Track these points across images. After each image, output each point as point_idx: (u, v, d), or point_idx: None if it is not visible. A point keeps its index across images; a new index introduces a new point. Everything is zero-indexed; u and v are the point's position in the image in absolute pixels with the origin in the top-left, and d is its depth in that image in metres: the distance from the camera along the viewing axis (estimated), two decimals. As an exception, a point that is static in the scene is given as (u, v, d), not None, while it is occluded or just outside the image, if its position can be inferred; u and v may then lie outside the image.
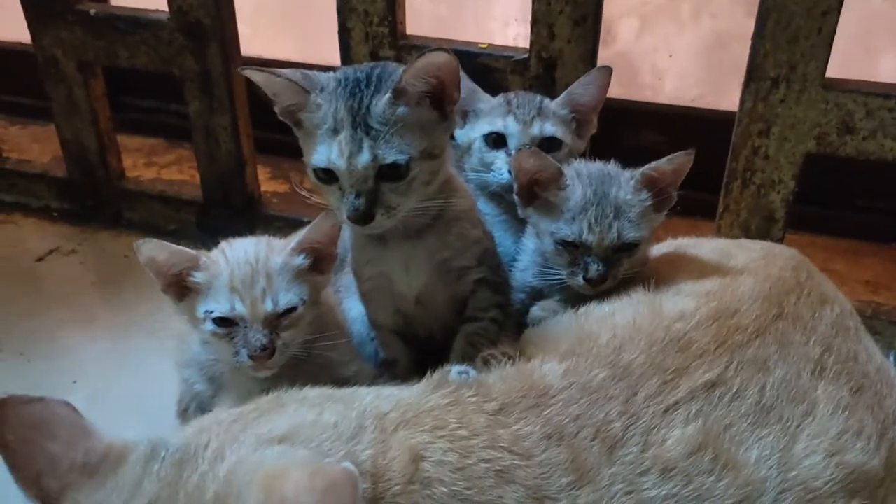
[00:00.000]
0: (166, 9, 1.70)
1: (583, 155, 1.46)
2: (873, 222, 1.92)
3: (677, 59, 2.13)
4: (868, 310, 1.54)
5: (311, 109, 1.04)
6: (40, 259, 1.88)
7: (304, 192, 1.25)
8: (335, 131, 1.02)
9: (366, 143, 1.01)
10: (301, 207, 2.00)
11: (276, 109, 1.09)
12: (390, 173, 1.03)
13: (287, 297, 1.08)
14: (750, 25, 1.72)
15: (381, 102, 1.02)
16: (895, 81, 1.46)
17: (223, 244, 1.14)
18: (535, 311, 1.23)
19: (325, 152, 1.03)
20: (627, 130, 2.08)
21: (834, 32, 1.33)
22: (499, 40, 2.14)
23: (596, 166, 1.19)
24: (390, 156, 1.02)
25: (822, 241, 1.91)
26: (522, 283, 1.27)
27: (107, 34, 1.77)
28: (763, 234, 1.52)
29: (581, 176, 1.16)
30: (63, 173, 2.01)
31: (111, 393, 1.49)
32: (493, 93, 1.53)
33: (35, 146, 2.35)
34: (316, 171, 1.06)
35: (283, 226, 1.88)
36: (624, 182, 1.15)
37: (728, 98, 2.02)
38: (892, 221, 1.91)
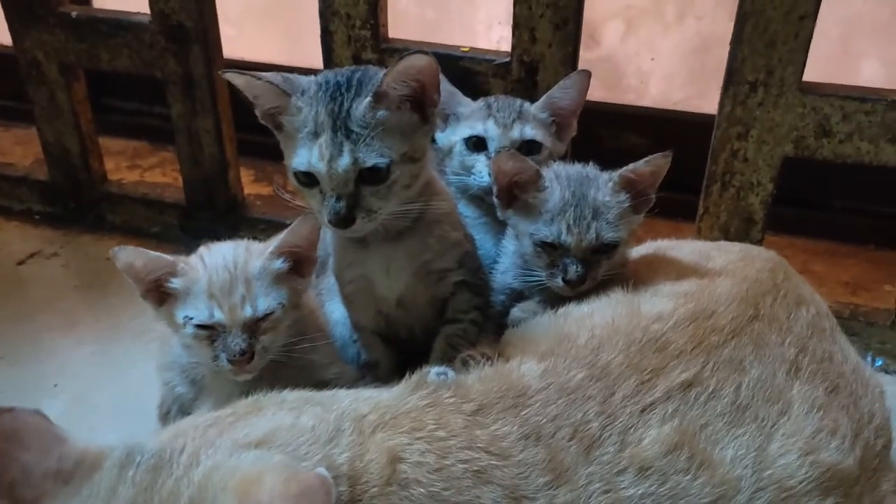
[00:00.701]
0: (148, 11, 1.70)
1: (563, 157, 1.47)
2: (851, 224, 1.94)
3: (662, 62, 2.14)
4: (846, 311, 1.56)
5: (292, 113, 1.05)
6: (21, 262, 1.87)
7: (286, 196, 1.25)
8: (316, 135, 1.03)
9: (346, 147, 1.01)
10: (284, 210, 2.00)
11: (258, 113, 1.09)
12: (371, 177, 1.04)
13: (266, 301, 1.08)
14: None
15: (362, 106, 1.02)
16: (876, 85, 1.48)
17: (202, 249, 1.14)
18: (516, 312, 1.24)
19: (305, 156, 1.03)
20: (609, 133, 2.10)
21: (810, 37, 1.35)
22: (483, 43, 2.16)
23: (574, 168, 1.20)
24: (370, 159, 1.02)
25: (802, 243, 1.93)
26: (503, 285, 1.28)
27: (88, 37, 1.76)
28: (742, 236, 1.53)
29: (560, 178, 1.17)
30: (45, 176, 2.00)
31: (93, 396, 1.48)
32: (475, 96, 1.54)
33: (17, 149, 2.35)
34: (297, 174, 1.06)
35: (267, 228, 1.88)
36: (602, 184, 1.16)
37: (712, 101, 2.04)
38: (869, 223, 1.93)
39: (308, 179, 1.05)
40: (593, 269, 1.16)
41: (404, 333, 1.24)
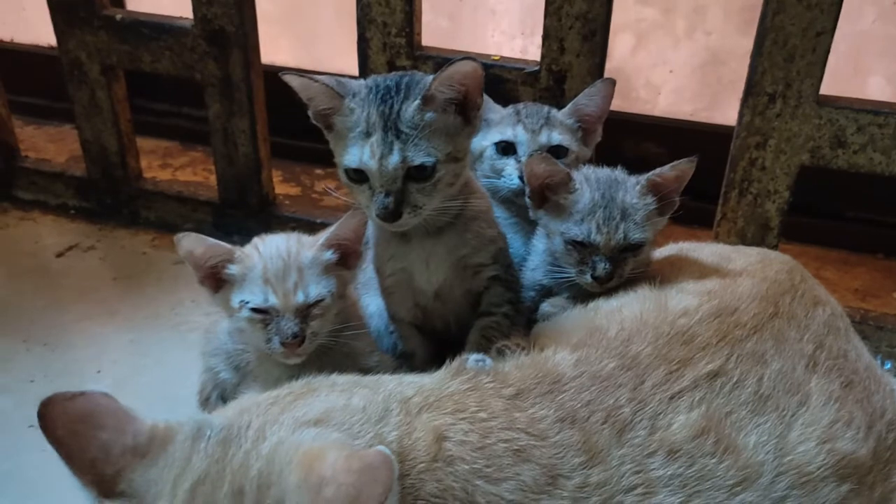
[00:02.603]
0: (190, 16, 1.77)
1: (589, 162, 1.54)
2: (862, 233, 2.01)
3: (672, 75, 2.21)
4: (857, 316, 1.62)
5: (345, 113, 1.12)
6: (60, 255, 1.94)
7: (335, 194, 1.32)
8: (367, 134, 1.09)
9: (396, 146, 1.08)
10: (312, 209, 2.08)
11: (310, 113, 1.16)
12: (417, 174, 1.11)
13: (317, 289, 1.15)
14: (742, 43, 1.79)
15: (411, 108, 1.09)
16: (883, 99, 1.55)
17: (256, 240, 1.21)
18: (545, 307, 1.30)
19: (357, 154, 1.10)
20: (629, 142, 2.17)
21: (828, 52, 1.42)
22: (505, 52, 2.24)
23: (604, 172, 1.27)
24: (418, 158, 1.09)
25: (815, 251, 2.00)
26: (532, 282, 1.35)
27: (131, 39, 1.84)
28: (758, 242, 1.60)
29: (589, 180, 1.24)
30: (82, 172, 2.07)
31: (134, 382, 1.55)
32: (505, 103, 1.60)
33: (51, 146, 2.42)
34: (347, 171, 1.13)
35: (297, 226, 1.94)
36: (630, 187, 1.23)
37: (721, 113, 2.11)
38: (879, 232, 2.00)
39: (358, 176, 1.12)
40: (620, 266, 1.23)
41: (440, 325, 1.31)
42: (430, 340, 1.33)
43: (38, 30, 1.90)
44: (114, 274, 1.88)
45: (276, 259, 1.15)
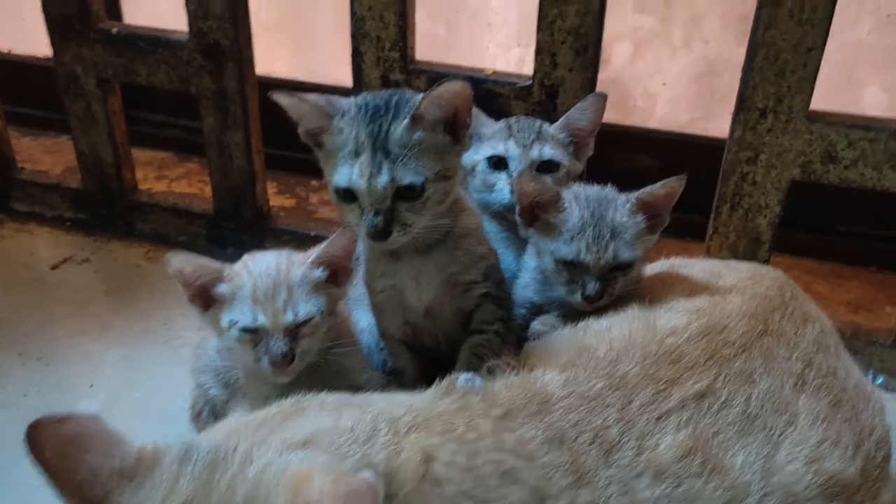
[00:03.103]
0: (186, 30, 1.78)
1: (580, 177, 1.54)
2: (854, 246, 2.01)
3: (669, 84, 2.22)
4: (848, 330, 1.62)
5: (334, 133, 1.12)
6: (55, 267, 1.94)
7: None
8: (356, 154, 1.10)
9: (385, 165, 1.09)
10: (307, 222, 2.09)
11: (300, 132, 1.17)
12: (406, 193, 1.11)
13: (306, 307, 1.15)
14: (739, 53, 1.80)
15: (400, 128, 1.10)
16: (878, 112, 1.55)
17: (246, 257, 1.21)
18: (536, 325, 1.30)
19: (346, 173, 1.10)
20: (621, 155, 2.17)
21: (818, 68, 1.42)
22: (500, 64, 2.25)
23: (593, 190, 1.27)
24: (407, 177, 1.10)
25: (807, 264, 2.00)
26: (523, 299, 1.35)
27: (127, 52, 1.84)
28: (750, 256, 1.60)
29: (579, 199, 1.24)
30: (77, 184, 2.08)
31: (127, 397, 1.55)
32: (498, 116, 1.61)
33: (47, 157, 2.43)
34: (337, 190, 1.13)
35: (291, 239, 1.95)
36: (620, 205, 1.24)
37: (717, 123, 2.12)
38: (871, 245, 2.00)
39: (347, 195, 1.13)
40: (610, 285, 1.23)
41: (430, 343, 1.31)
42: (420, 357, 1.33)
43: (36, 40, 1.91)
44: (107, 287, 1.88)
45: (265, 277, 1.16)
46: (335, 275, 1.21)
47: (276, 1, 2.37)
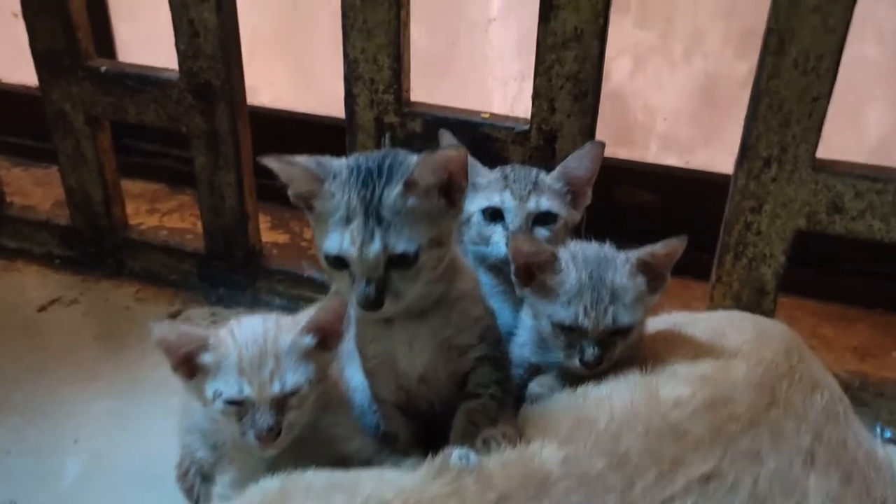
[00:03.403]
0: (176, 68, 1.74)
1: (579, 224, 1.50)
2: (861, 286, 1.97)
3: (669, 99, 2.17)
4: (856, 381, 1.58)
5: (325, 198, 1.08)
6: (42, 309, 1.90)
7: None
8: (348, 220, 1.05)
9: (377, 233, 1.04)
10: (300, 261, 2.04)
11: (290, 194, 1.12)
12: (399, 262, 1.06)
13: (294, 378, 1.11)
14: (740, 69, 1.74)
15: (393, 194, 1.05)
16: (880, 133, 1.49)
17: (232, 323, 1.17)
18: (534, 387, 1.26)
19: (337, 240, 1.06)
20: (621, 189, 2.13)
21: (824, 117, 1.38)
22: (497, 98, 2.21)
23: (592, 249, 1.22)
24: (400, 246, 1.05)
25: (811, 305, 1.95)
26: (521, 359, 1.30)
27: (116, 91, 1.81)
28: (754, 306, 1.56)
29: (576, 259, 1.20)
30: (66, 221, 2.04)
31: (112, 453, 1.50)
32: (494, 161, 1.57)
33: (38, 190, 2.39)
34: (328, 257, 1.09)
35: (284, 279, 1.92)
36: (619, 266, 1.19)
37: (718, 138, 2.08)
38: (877, 286, 1.96)
39: (338, 263, 1.08)
40: (610, 350, 1.18)
41: (424, 406, 1.26)
42: (414, 420, 1.28)
43: (28, 69, 1.87)
44: (95, 331, 1.84)
45: (251, 346, 1.11)
46: (325, 339, 1.17)
47: (276, 30, 2.33)
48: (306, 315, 1.16)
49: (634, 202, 2.13)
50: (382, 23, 1.53)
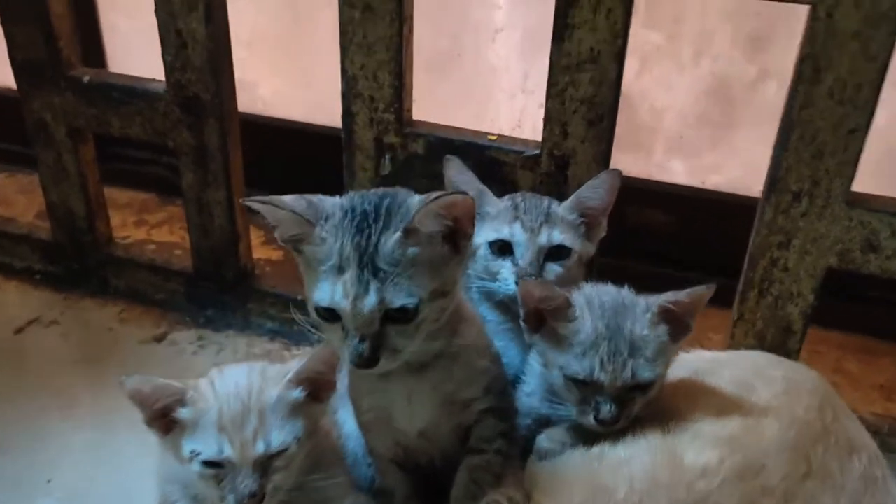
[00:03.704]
0: (163, 79, 1.63)
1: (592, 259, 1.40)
2: (887, 318, 1.86)
3: (676, 100, 2.07)
4: (885, 426, 1.48)
5: (315, 242, 0.97)
6: (19, 331, 1.79)
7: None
8: (340, 269, 0.95)
9: (373, 286, 0.94)
10: (294, 282, 1.93)
11: (277, 236, 1.02)
12: (398, 316, 0.96)
13: (280, 436, 1.01)
14: (749, 71, 1.62)
15: (391, 242, 0.95)
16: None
17: (213, 373, 1.07)
18: (543, 441, 1.15)
19: (328, 291, 0.95)
20: (633, 209, 2.02)
21: (861, 150, 1.27)
22: (504, 111, 2.10)
23: (609, 294, 1.12)
24: (399, 300, 0.94)
25: (835, 337, 1.85)
26: (528, 408, 1.20)
27: (99, 102, 1.70)
28: (779, 346, 1.46)
29: (592, 306, 1.09)
30: (48, 235, 1.93)
31: (87, 494, 1.40)
32: (502, 186, 1.47)
33: (21, 198, 2.28)
34: (318, 308, 0.98)
35: (276, 302, 1.82)
36: (639, 315, 1.09)
37: (724, 140, 1.97)
38: (904, 317, 1.85)
39: (330, 315, 0.98)
40: (627, 407, 1.08)
41: (424, 461, 1.16)
42: (412, 475, 1.18)
43: (9, 71, 1.77)
44: (75, 356, 1.73)
45: (233, 400, 1.01)
46: (316, 391, 1.07)
47: (276, 36, 2.22)
48: (295, 364, 1.05)
49: (648, 224, 2.02)
50: (383, 38, 1.42)
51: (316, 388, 1.06)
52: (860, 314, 1.87)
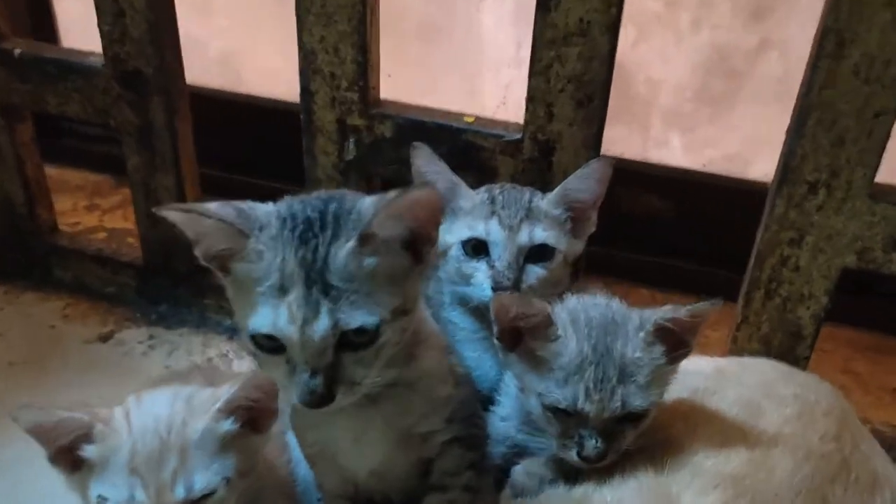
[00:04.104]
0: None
1: (579, 258, 1.24)
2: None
3: (674, 71, 1.92)
4: (898, 439, 1.33)
5: (250, 258, 0.81)
6: (-48, 329, 1.63)
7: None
8: (283, 290, 0.79)
9: (324, 306, 0.78)
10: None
11: (198, 253, 0.85)
12: (355, 338, 0.80)
13: (205, 477, 0.85)
14: (749, 40, 1.45)
15: (343, 253, 0.79)
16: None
17: (130, 401, 0.91)
18: (519, 476, 1.01)
19: (269, 316, 0.79)
20: (627, 194, 1.86)
21: (887, 137, 1.11)
22: (489, 87, 1.92)
23: (597, 309, 0.96)
24: (356, 320, 0.79)
25: (843, 334, 1.70)
26: (503, 435, 1.05)
27: (34, 78, 1.52)
28: (786, 352, 1.31)
29: (577, 324, 0.93)
30: (-11, 222, 1.76)
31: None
32: (479, 174, 1.31)
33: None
34: (255, 337, 0.82)
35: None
36: (631, 333, 0.93)
37: (725, 115, 1.82)
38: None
39: (271, 344, 0.81)
40: (617, 441, 0.93)
41: (379, 499, 1.01)
42: (367, 510, 1.03)
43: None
44: (12, 357, 1.57)
45: (150, 435, 0.86)
46: (254, 420, 0.91)
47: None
48: (225, 391, 0.89)
49: (642, 209, 1.86)
50: (345, 6, 1.24)
51: (253, 417, 0.91)
52: (871, 309, 1.72)
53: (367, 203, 0.82)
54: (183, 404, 0.89)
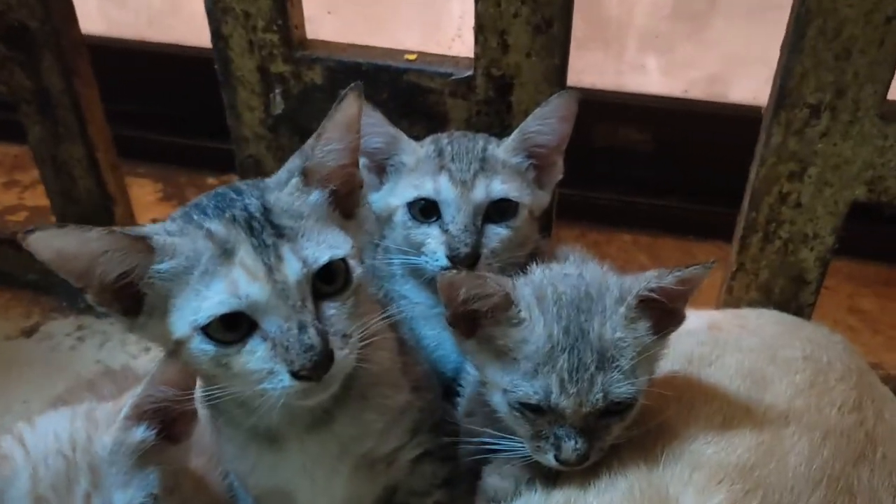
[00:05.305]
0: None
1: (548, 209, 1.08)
2: (904, 241, 1.56)
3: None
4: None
5: (160, 260, 0.67)
6: None
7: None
8: (226, 255, 0.66)
9: (284, 248, 0.67)
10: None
11: (89, 296, 0.70)
12: (328, 281, 0.69)
13: (126, 496, 0.72)
14: None
15: (287, 189, 0.71)
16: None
17: (21, 426, 0.76)
18: (492, 479, 0.86)
19: (223, 290, 0.65)
20: (603, 127, 1.69)
21: (901, 45, 0.94)
22: (445, 19, 1.71)
23: (567, 281, 0.79)
24: (323, 254, 0.68)
25: (846, 267, 1.56)
26: (470, 434, 0.89)
27: None
28: (789, 299, 1.16)
29: (544, 303, 0.77)
30: None
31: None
32: (426, 121, 1.14)
33: None
34: (208, 328, 0.66)
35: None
36: (610, 308, 0.77)
37: (705, 34, 1.64)
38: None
39: (230, 333, 0.67)
40: (600, 438, 0.78)
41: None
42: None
43: None
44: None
45: (52, 457, 0.72)
46: (171, 425, 0.76)
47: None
48: (130, 396, 0.74)
49: (619, 144, 1.68)
50: (248, -73, 1.04)
51: (168, 423, 0.75)
52: (877, 238, 1.57)
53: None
54: (83, 420, 0.75)
